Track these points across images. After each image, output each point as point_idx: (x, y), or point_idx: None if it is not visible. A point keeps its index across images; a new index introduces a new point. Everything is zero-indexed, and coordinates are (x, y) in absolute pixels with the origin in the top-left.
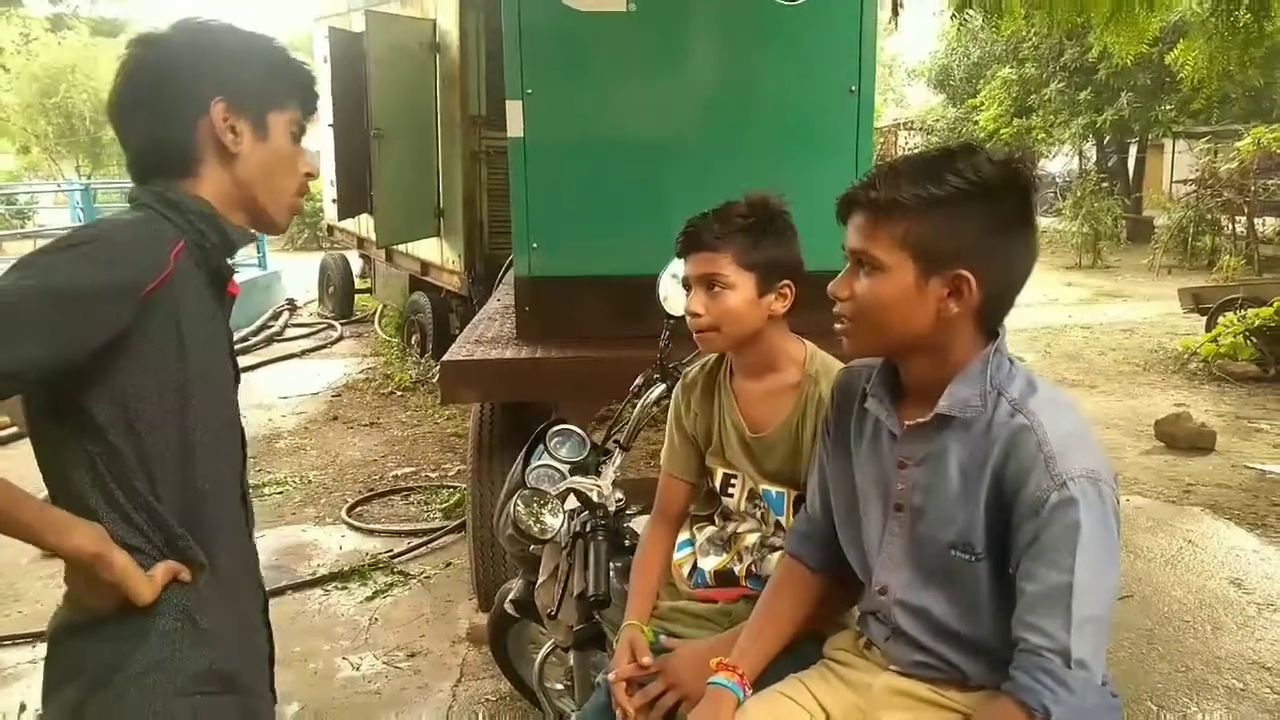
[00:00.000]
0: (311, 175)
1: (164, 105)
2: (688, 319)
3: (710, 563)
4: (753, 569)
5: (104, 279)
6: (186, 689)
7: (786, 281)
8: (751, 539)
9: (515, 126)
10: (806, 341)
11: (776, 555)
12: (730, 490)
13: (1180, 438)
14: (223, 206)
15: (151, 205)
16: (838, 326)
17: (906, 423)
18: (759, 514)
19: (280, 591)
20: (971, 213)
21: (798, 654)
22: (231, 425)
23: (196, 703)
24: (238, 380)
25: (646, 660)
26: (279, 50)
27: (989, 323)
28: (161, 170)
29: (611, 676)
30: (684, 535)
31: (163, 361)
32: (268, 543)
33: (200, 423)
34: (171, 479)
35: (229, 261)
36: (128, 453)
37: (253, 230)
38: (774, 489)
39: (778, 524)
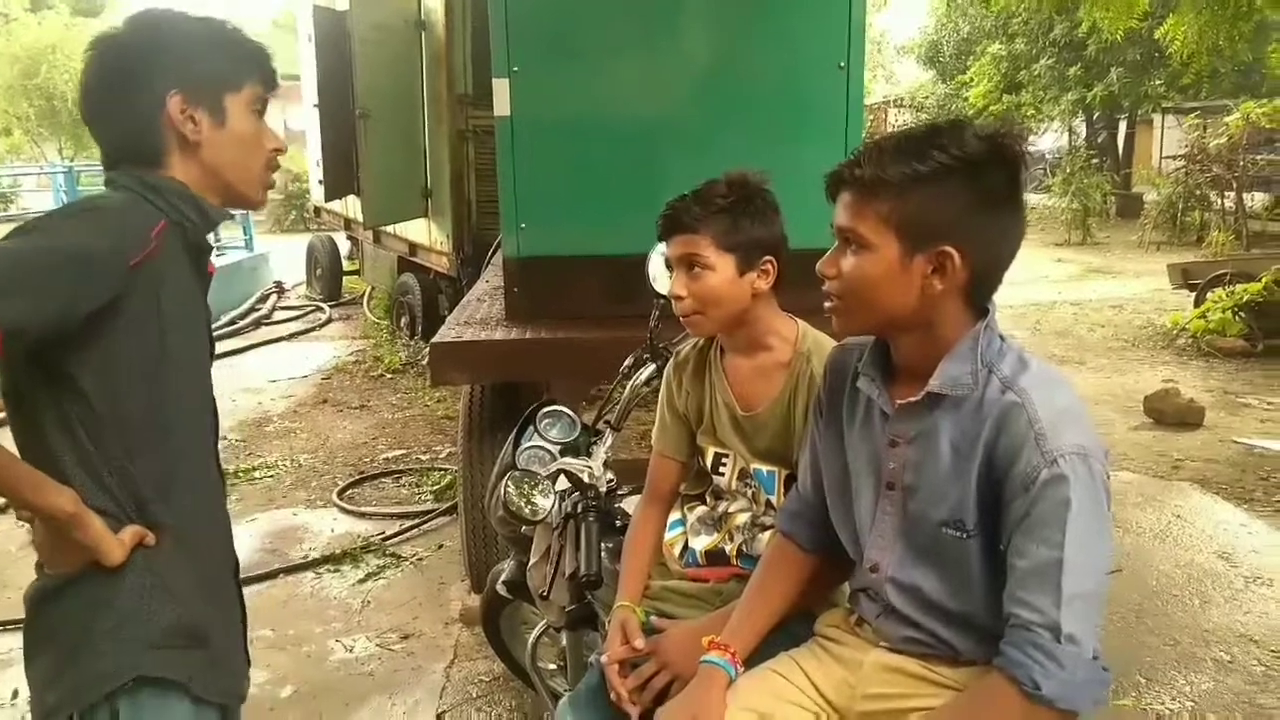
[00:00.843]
0: (280, 150)
1: (125, 104)
2: (672, 302)
3: (701, 542)
4: (744, 548)
5: (103, 245)
6: (157, 642)
7: (768, 258)
8: (742, 518)
9: (502, 105)
10: (798, 319)
11: (767, 534)
12: (721, 469)
13: (1169, 413)
14: (196, 190)
15: (132, 188)
16: (827, 305)
17: (898, 401)
18: (750, 493)
19: (272, 575)
20: (956, 189)
21: (789, 632)
22: (205, 398)
23: (167, 656)
24: (213, 357)
25: (639, 642)
26: (231, 32)
27: (978, 300)
28: (133, 161)
29: (604, 658)
30: (675, 515)
31: (144, 332)
32: (259, 526)
33: (176, 394)
34: (146, 446)
35: (209, 240)
36: (106, 417)
37: (230, 210)
38: (765, 468)
39: (769, 503)
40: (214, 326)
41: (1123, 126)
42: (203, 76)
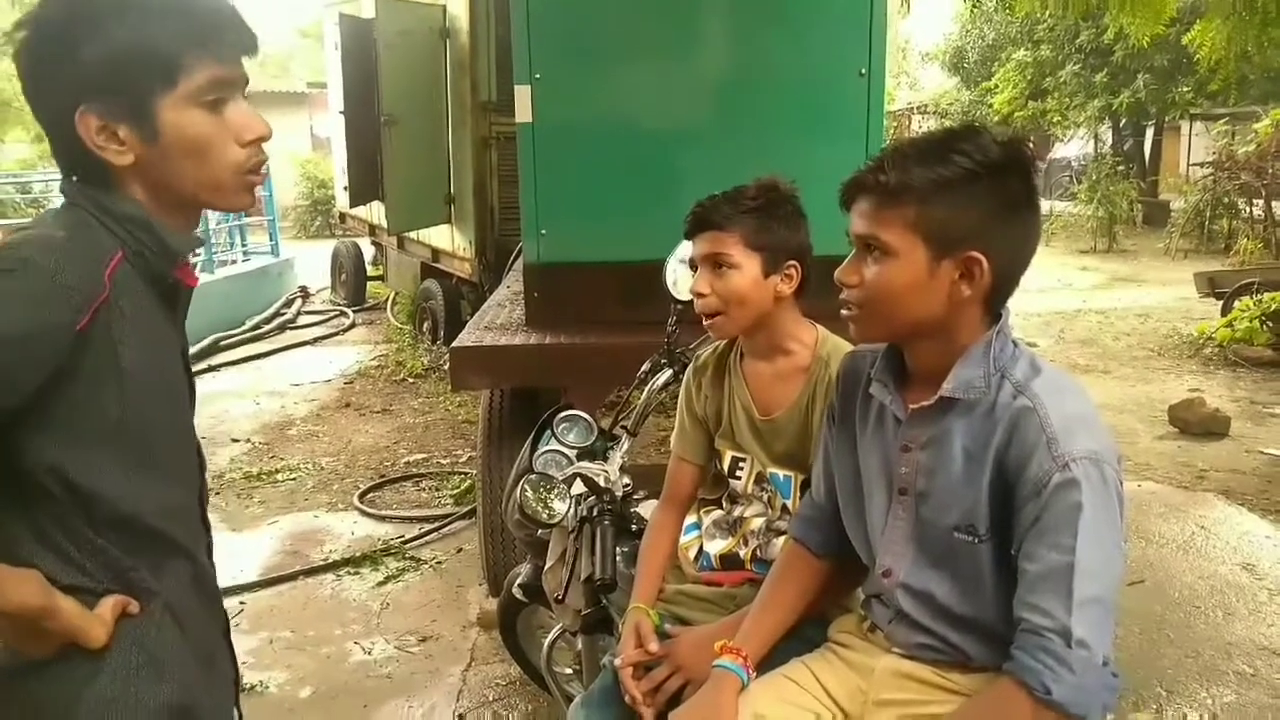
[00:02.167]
0: (261, 138)
1: (41, 111)
2: (694, 300)
3: (716, 546)
4: (758, 553)
5: (37, 320)
6: None
7: (793, 262)
8: (757, 523)
9: (524, 111)
10: (818, 325)
11: (782, 539)
12: (738, 473)
13: (1194, 423)
14: (157, 208)
15: (85, 208)
16: (845, 313)
17: (911, 406)
18: (766, 497)
19: (293, 576)
20: (980, 193)
21: (801, 637)
22: (185, 444)
23: None
24: (193, 392)
25: (653, 645)
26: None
27: (995, 305)
28: (83, 179)
29: (618, 661)
30: (690, 519)
31: (102, 393)
32: (281, 528)
33: (146, 451)
34: (118, 512)
35: (187, 255)
36: (66, 491)
37: (200, 237)
38: (782, 472)
39: (784, 507)
40: (239, 331)
41: (1149, 133)
42: (118, 80)
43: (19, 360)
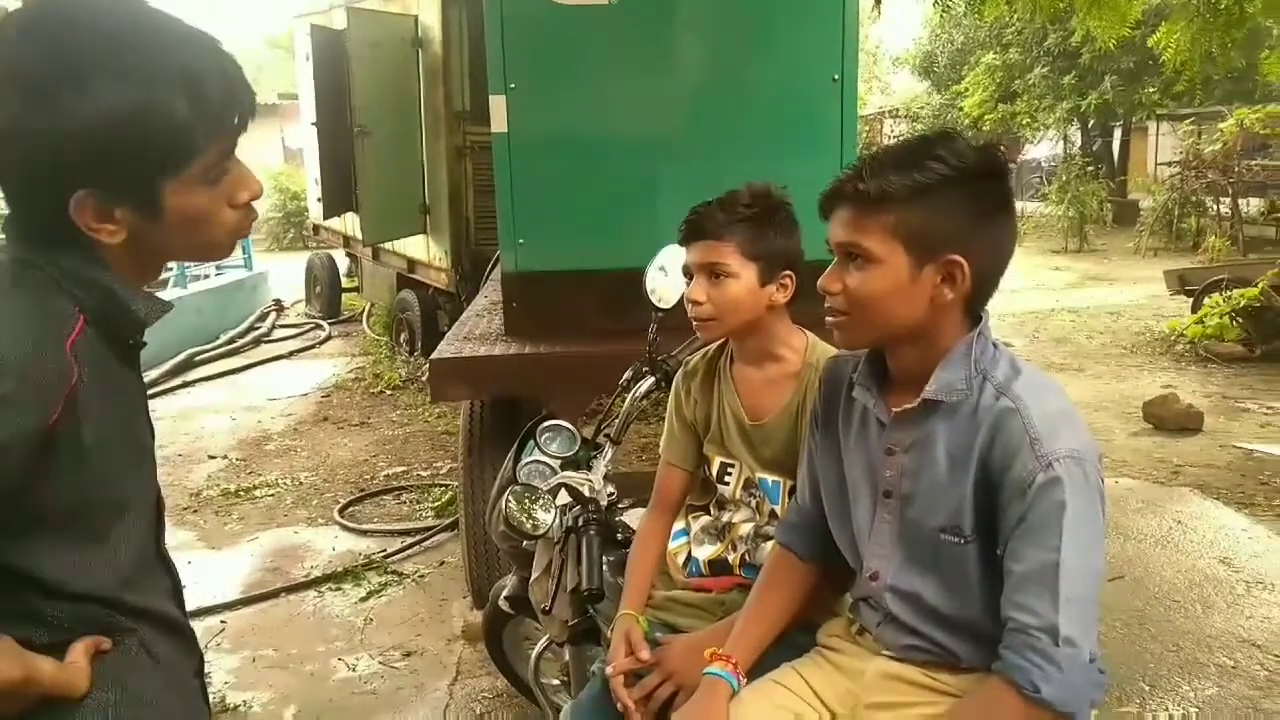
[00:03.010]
0: (254, 196)
1: (12, 180)
2: (688, 306)
3: (704, 552)
4: (746, 558)
5: (9, 430)
6: None
7: (788, 272)
8: (746, 528)
9: (499, 121)
10: (807, 332)
11: (770, 544)
12: (726, 479)
13: (1168, 419)
14: (131, 266)
15: (40, 266)
16: (830, 320)
17: (894, 410)
18: (754, 503)
19: (274, 594)
20: (958, 198)
21: (791, 643)
22: (147, 493)
23: None
24: (152, 438)
25: (644, 653)
26: (190, 67)
27: (975, 307)
28: (43, 237)
29: (609, 669)
30: (679, 525)
31: (59, 483)
32: (261, 545)
33: (102, 525)
34: (70, 590)
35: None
36: (30, 561)
37: (169, 303)
38: (770, 477)
39: (772, 513)
40: (214, 346)
41: (1117, 134)
42: (126, 167)
43: None
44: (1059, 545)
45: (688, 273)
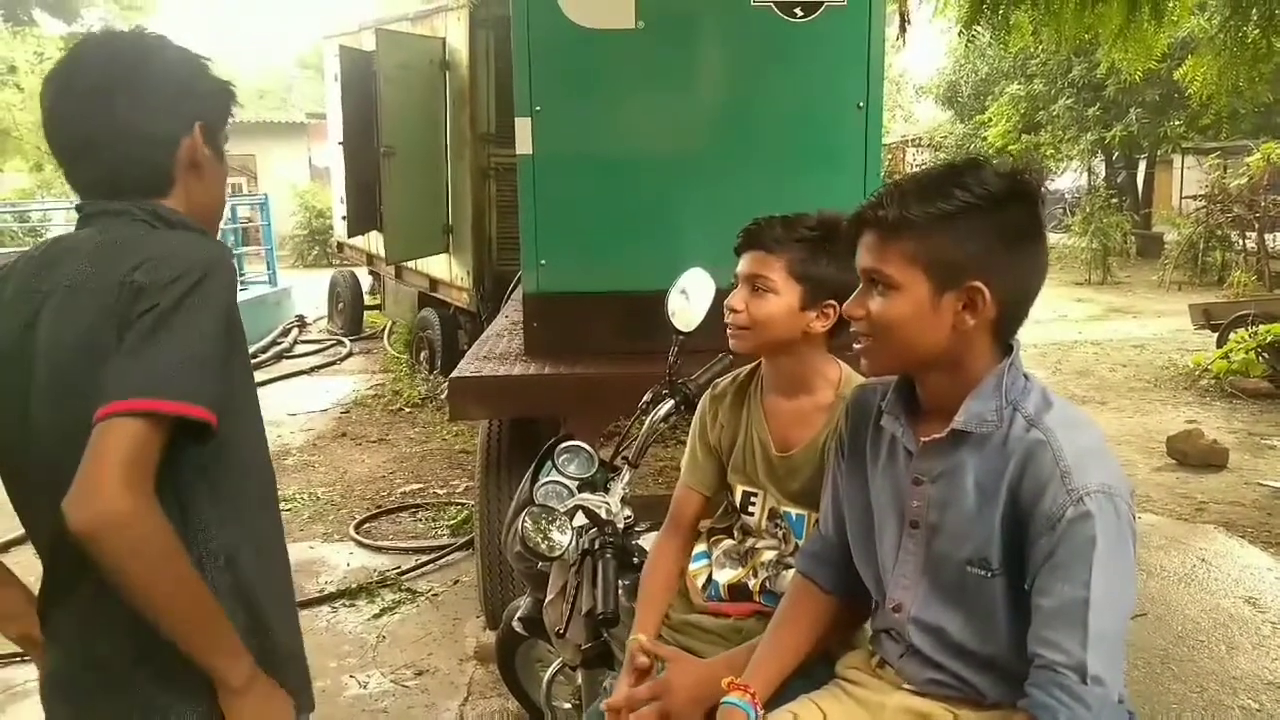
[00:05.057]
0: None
1: (149, 126)
2: (726, 313)
3: (725, 575)
4: (767, 585)
5: (228, 304)
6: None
7: (832, 302)
8: (769, 555)
9: (524, 143)
10: (842, 363)
11: (791, 572)
12: (750, 509)
13: (1192, 455)
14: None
15: (176, 222)
16: (856, 346)
17: (922, 439)
18: (780, 534)
19: None
20: (981, 225)
21: (809, 674)
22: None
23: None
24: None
25: (642, 690)
26: (213, 66)
27: (1004, 336)
28: (137, 189)
29: (604, 706)
30: (700, 547)
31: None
32: None
33: (250, 427)
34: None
35: None
36: (209, 488)
37: None
38: (795, 510)
39: (797, 545)
40: None
41: (1142, 166)
42: (216, 108)
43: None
44: (1089, 581)
45: (736, 281)
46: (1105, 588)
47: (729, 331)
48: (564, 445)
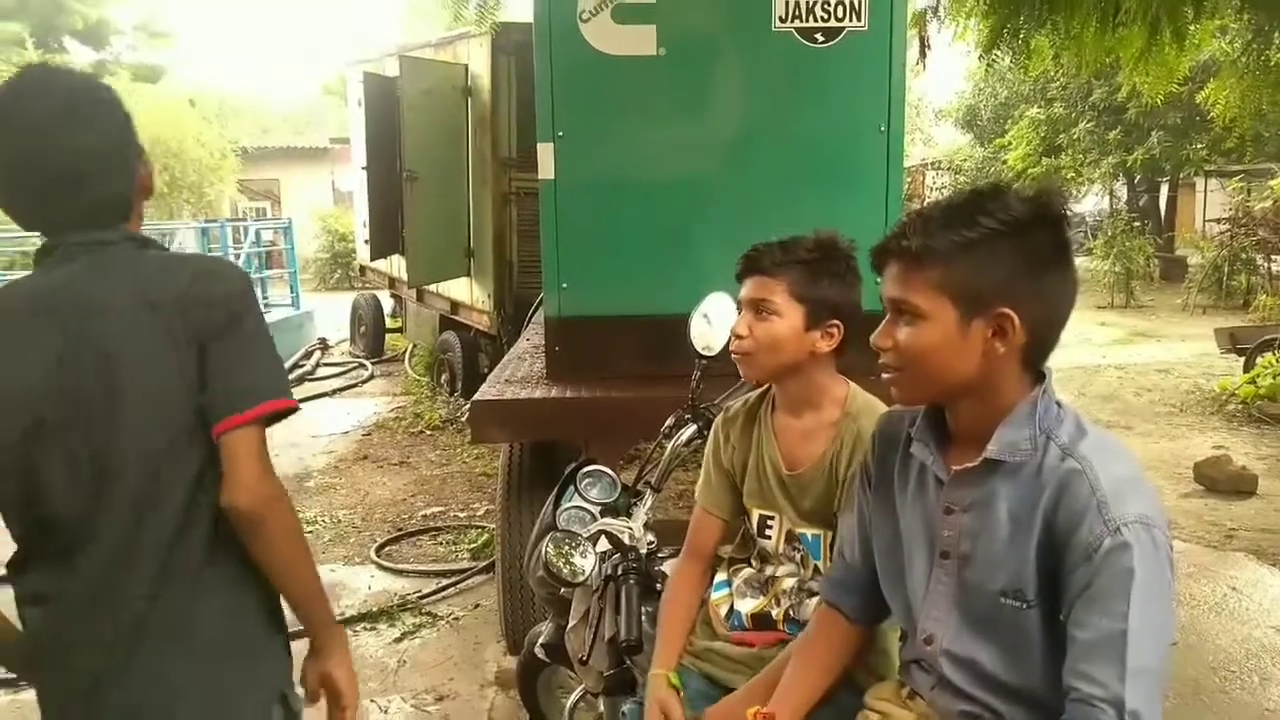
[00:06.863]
0: None
1: (129, 156)
2: (732, 339)
3: (747, 605)
4: (790, 613)
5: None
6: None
7: (835, 321)
8: (789, 583)
9: (547, 169)
10: (849, 382)
11: (815, 600)
12: (768, 532)
13: (1221, 481)
14: None
15: (121, 241)
16: (885, 376)
17: (954, 468)
18: (798, 557)
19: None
20: (1006, 251)
21: (837, 704)
22: None
23: None
24: None
25: None
26: None
27: (1034, 363)
28: (114, 217)
29: None
30: (720, 576)
31: None
32: None
33: None
34: None
35: None
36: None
37: None
38: (810, 531)
39: (816, 568)
40: None
41: (1164, 190)
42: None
43: None
44: (1126, 613)
45: (740, 307)
46: (1143, 620)
47: (735, 359)
48: (586, 469)
